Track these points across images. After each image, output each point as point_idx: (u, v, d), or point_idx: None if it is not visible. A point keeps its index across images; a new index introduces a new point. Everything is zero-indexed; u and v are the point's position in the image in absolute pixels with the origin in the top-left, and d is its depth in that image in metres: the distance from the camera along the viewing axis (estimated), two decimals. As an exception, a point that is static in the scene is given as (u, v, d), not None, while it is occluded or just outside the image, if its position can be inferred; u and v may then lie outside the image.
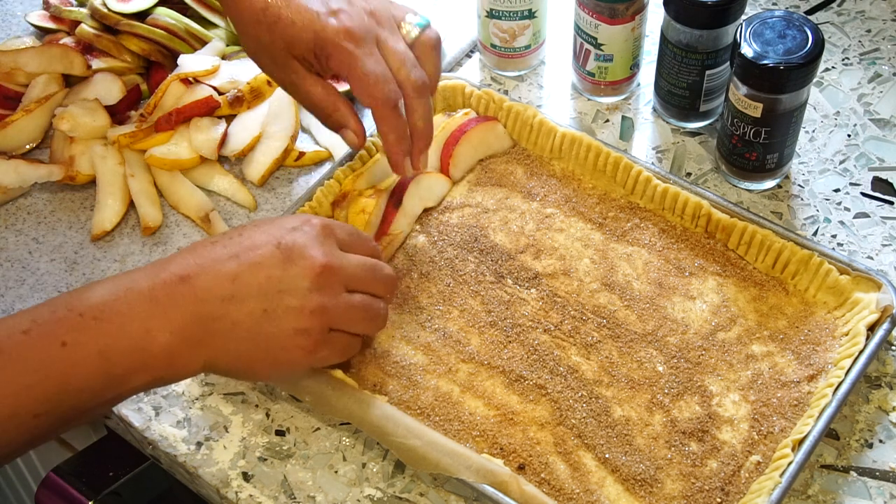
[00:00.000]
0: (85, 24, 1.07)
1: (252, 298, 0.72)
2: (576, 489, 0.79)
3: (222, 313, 0.71)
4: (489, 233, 0.94)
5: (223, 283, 0.72)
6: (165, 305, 0.70)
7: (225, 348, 0.72)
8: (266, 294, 0.72)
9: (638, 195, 0.95)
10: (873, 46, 1.10)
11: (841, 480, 0.81)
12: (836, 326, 0.86)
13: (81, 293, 0.70)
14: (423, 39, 0.85)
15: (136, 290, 0.70)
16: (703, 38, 0.94)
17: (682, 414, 0.82)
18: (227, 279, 0.72)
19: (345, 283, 0.76)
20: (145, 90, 1.08)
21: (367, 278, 0.78)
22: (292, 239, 0.74)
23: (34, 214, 1.00)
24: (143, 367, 0.70)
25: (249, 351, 0.73)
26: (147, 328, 0.69)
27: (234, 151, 1.01)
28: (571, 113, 1.06)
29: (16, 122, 1.02)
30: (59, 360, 0.67)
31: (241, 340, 0.73)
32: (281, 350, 0.74)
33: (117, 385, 0.70)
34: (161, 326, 0.70)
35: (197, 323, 0.71)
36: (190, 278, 0.71)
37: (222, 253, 0.73)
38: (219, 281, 0.72)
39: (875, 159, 1.01)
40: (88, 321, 0.69)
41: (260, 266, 0.73)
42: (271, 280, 0.73)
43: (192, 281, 0.71)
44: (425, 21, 0.86)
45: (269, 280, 0.73)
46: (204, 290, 0.71)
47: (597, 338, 0.86)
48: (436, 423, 0.82)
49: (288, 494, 0.82)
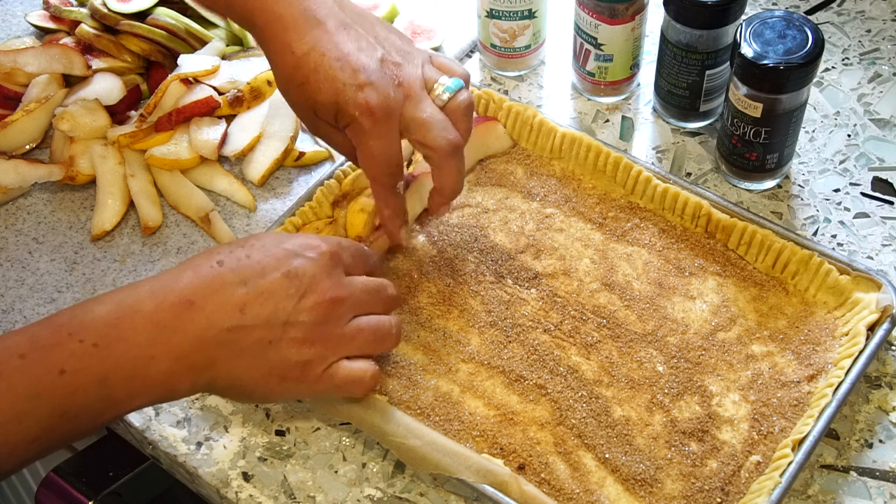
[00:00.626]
0: (85, 24, 1.07)
1: (258, 329, 0.71)
2: (576, 489, 0.79)
3: (227, 341, 0.71)
4: (489, 233, 0.94)
5: (231, 312, 0.70)
6: (170, 331, 0.69)
7: (226, 373, 0.72)
8: (272, 325, 0.72)
9: (638, 195, 0.95)
10: (873, 46, 1.10)
11: (841, 480, 0.81)
12: (836, 326, 0.86)
13: (82, 314, 0.69)
14: (454, 105, 0.83)
15: (141, 314, 0.69)
16: (703, 38, 0.94)
17: (682, 414, 0.82)
18: (234, 308, 0.71)
19: (353, 308, 0.76)
20: (145, 90, 1.09)
21: (372, 301, 0.78)
22: (302, 268, 0.73)
23: (34, 214, 1.00)
24: (143, 391, 0.69)
25: (250, 378, 0.73)
26: (150, 354, 0.68)
27: (234, 151, 1.01)
28: (571, 113, 1.06)
29: (16, 122, 1.02)
30: (58, 387, 0.66)
31: (243, 368, 0.72)
32: (280, 380, 0.73)
33: (116, 408, 0.69)
34: (164, 353, 0.69)
35: (201, 350, 0.70)
36: (196, 305, 0.70)
37: (231, 278, 0.71)
38: (226, 310, 0.70)
39: (875, 159, 1.01)
40: (88, 348, 0.67)
41: (269, 296, 0.72)
42: (279, 311, 0.72)
43: (198, 307, 0.70)
44: (458, 84, 0.83)
45: (277, 311, 0.72)
46: (211, 318, 0.70)
47: (597, 338, 0.86)
48: (436, 423, 0.82)
49: (288, 494, 0.82)
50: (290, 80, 0.81)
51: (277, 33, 0.80)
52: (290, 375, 0.73)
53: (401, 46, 0.84)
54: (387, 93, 0.79)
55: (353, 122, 0.80)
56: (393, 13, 1.13)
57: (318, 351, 0.73)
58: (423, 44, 1.09)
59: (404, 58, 0.83)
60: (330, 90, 0.79)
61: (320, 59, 0.79)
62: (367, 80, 0.79)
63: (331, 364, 0.75)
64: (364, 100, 0.78)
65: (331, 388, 0.75)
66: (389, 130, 0.80)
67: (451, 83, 0.83)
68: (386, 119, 0.79)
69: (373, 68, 0.79)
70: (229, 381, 0.72)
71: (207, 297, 0.70)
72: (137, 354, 0.68)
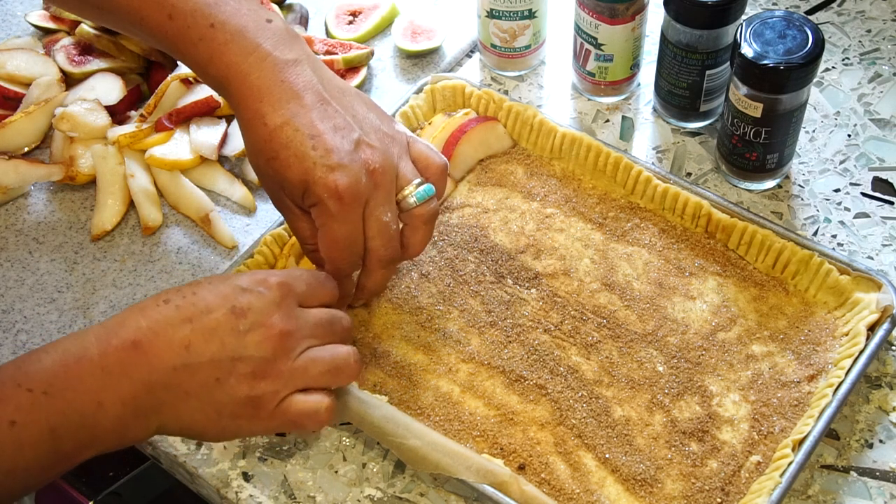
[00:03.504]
0: (85, 24, 1.07)
1: (205, 367, 0.69)
2: (576, 489, 0.79)
3: (174, 382, 0.68)
4: (489, 233, 0.94)
5: (176, 350, 0.68)
6: (117, 375, 0.67)
7: (176, 416, 0.69)
8: (219, 362, 0.69)
9: (638, 195, 0.95)
10: (873, 46, 1.10)
11: (841, 480, 0.81)
12: (836, 326, 0.86)
13: (31, 363, 0.67)
14: (418, 212, 0.81)
15: (88, 359, 0.67)
16: (703, 38, 0.94)
17: (683, 414, 0.82)
18: (179, 346, 0.68)
19: (305, 341, 0.73)
20: (145, 90, 1.08)
21: (326, 333, 0.74)
22: (248, 303, 0.71)
23: (34, 214, 1.00)
24: (92, 441, 0.67)
25: (200, 419, 0.70)
26: (98, 401, 0.66)
27: (235, 151, 1.01)
28: (571, 113, 1.06)
29: (14, 123, 1.02)
30: (8, 441, 0.64)
31: (192, 409, 0.70)
32: (231, 418, 0.71)
33: (65, 461, 0.67)
34: (112, 399, 0.67)
35: (148, 393, 0.68)
36: (142, 345, 0.68)
37: (175, 316, 0.69)
38: (171, 348, 0.68)
39: (875, 159, 1.01)
40: (38, 396, 0.65)
41: (214, 333, 0.69)
42: (225, 348, 0.69)
43: (144, 349, 0.68)
44: (428, 193, 0.81)
45: (223, 348, 0.69)
46: (156, 358, 0.68)
47: (597, 338, 0.86)
48: (436, 423, 0.82)
49: (288, 494, 0.82)
50: (259, 153, 0.78)
51: (251, 102, 0.77)
52: (242, 413, 0.71)
53: (379, 128, 0.80)
54: (358, 178, 0.76)
55: (320, 204, 0.76)
56: (393, 13, 1.13)
57: (268, 385, 0.70)
58: (423, 44, 1.09)
59: (382, 142, 0.79)
60: (300, 168, 0.76)
61: (293, 134, 0.76)
62: (338, 163, 0.75)
63: (283, 398, 0.72)
64: (334, 182, 0.75)
65: (285, 423, 0.73)
66: (355, 216, 0.77)
67: (422, 191, 0.80)
68: (353, 204, 0.76)
69: (346, 150, 0.76)
70: (179, 424, 0.70)
71: (152, 338, 0.68)
72: (86, 401, 0.66)
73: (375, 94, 1.08)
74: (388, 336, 0.87)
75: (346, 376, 0.75)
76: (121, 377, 0.67)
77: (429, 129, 0.98)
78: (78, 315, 0.92)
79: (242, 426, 0.72)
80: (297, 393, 0.72)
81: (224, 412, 0.70)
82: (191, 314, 0.69)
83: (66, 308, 0.93)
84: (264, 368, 0.70)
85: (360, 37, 1.11)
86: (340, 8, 1.14)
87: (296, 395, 0.72)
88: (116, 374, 0.67)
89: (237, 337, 0.69)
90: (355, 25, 1.12)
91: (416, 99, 1.01)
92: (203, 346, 0.69)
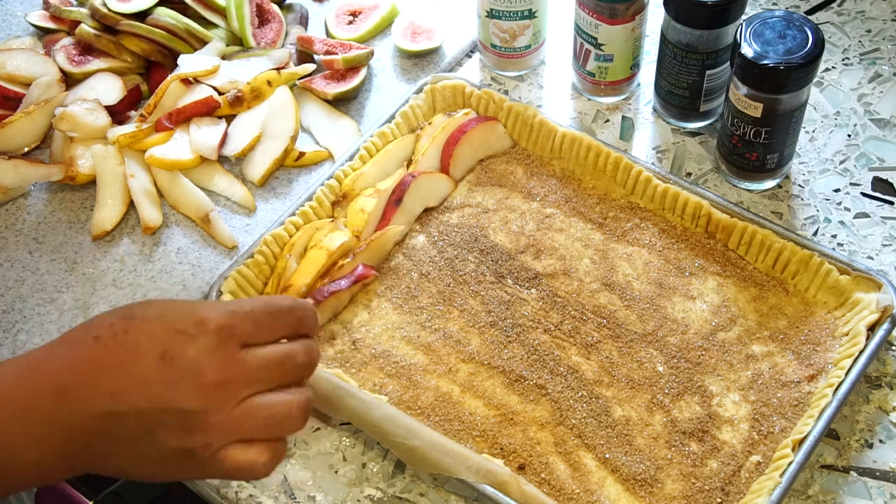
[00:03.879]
0: (85, 24, 1.07)
1: (131, 417, 0.64)
2: (576, 489, 0.79)
3: (100, 430, 0.64)
4: (489, 233, 0.94)
5: (102, 398, 0.63)
6: (40, 421, 0.63)
7: (102, 460, 0.66)
8: (146, 413, 0.64)
9: (638, 195, 0.95)
10: (873, 46, 1.10)
11: (841, 480, 0.81)
12: (836, 326, 0.86)
13: None
14: None
15: (9, 401, 0.63)
16: (703, 38, 0.94)
17: (683, 414, 0.82)
18: (106, 395, 0.64)
19: (246, 388, 0.66)
20: (145, 90, 1.08)
21: (274, 375, 0.67)
22: (181, 350, 0.64)
23: (34, 214, 1.00)
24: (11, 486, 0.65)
25: (129, 464, 0.66)
26: (16, 447, 0.63)
27: (234, 151, 1.01)
28: (571, 113, 1.06)
29: (14, 123, 1.02)
30: None
31: (120, 456, 0.65)
32: (161, 466, 0.66)
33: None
34: (32, 445, 0.63)
35: (71, 441, 0.64)
36: (66, 391, 0.63)
37: (104, 360, 0.64)
38: (97, 395, 0.63)
39: (875, 159, 1.00)
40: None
41: (141, 383, 0.64)
42: (153, 399, 0.64)
43: (69, 394, 0.63)
44: None
45: (151, 399, 0.64)
46: (80, 405, 0.64)
47: (597, 338, 0.86)
48: (436, 423, 0.82)
49: (288, 494, 0.82)
50: None
51: None
52: (173, 462, 0.65)
53: None
54: None
55: None
56: (393, 13, 1.13)
57: (200, 439, 0.64)
58: (423, 44, 1.09)
59: None
60: None
61: None
62: None
63: (217, 450, 0.65)
64: None
65: (219, 474, 0.67)
66: None
67: None
68: None
69: None
70: (107, 467, 0.67)
71: (78, 382, 0.64)
72: (5, 444, 0.63)
73: (375, 94, 1.08)
74: (388, 336, 0.87)
75: (286, 429, 0.68)
76: (42, 422, 0.63)
77: (429, 129, 0.99)
78: (78, 315, 0.92)
79: (174, 473, 0.67)
80: (236, 444, 0.66)
81: (152, 461, 0.66)
82: (119, 359, 0.64)
83: (66, 308, 0.93)
84: (195, 421, 0.64)
85: (360, 37, 1.11)
86: (340, 8, 1.14)
87: (232, 447, 0.66)
88: (37, 419, 0.63)
89: (166, 388, 0.64)
90: (355, 25, 1.12)
91: (416, 99, 1.01)
92: (129, 396, 0.64)
